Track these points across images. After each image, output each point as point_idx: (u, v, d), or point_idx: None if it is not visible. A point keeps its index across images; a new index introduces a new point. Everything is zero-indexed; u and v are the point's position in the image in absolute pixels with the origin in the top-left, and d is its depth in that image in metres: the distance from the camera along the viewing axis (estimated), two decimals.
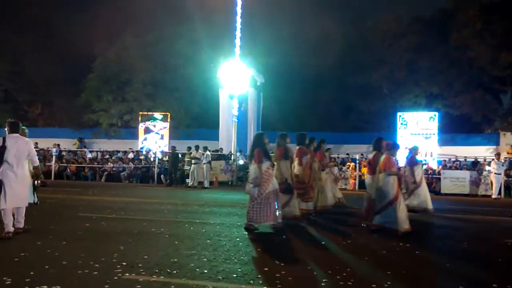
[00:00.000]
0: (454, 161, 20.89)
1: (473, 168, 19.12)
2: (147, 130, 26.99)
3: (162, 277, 4.64)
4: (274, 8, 28.58)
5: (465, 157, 21.15)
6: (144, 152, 24.58)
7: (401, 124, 23.23)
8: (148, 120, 27.06)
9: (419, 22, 27.31)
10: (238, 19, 22.63)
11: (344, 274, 4.88)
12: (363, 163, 20.37)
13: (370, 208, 7.85)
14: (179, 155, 20.08)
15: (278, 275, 4.83)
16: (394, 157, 8.00)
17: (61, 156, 24.17)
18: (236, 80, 21.48)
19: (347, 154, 21.71)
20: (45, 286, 4.21)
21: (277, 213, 7.56)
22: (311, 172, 9.39)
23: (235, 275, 4.81)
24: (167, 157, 21.30)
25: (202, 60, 26.88)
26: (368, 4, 32.53)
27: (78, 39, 29.80)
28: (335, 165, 19.29)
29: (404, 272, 5.14)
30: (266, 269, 5.07)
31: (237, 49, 22.40)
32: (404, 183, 10.09)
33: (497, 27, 23.43)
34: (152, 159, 22.47)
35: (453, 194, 17.37)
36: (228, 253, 5.82)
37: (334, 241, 6.86)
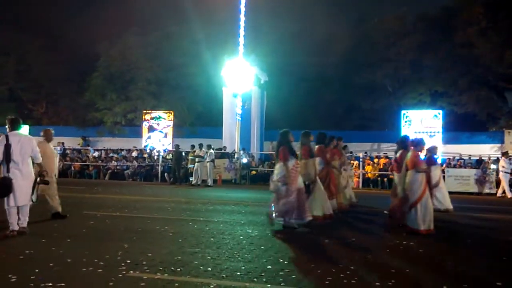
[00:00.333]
0: (459, 160, 20.82)
1: (478, 167, 19.05)
2: (151, 129, 27.04)
3: (166, 275, 4.66)
4: (278, 7, 28.57)
5: (470, 156, 21.06)
6: (148, 151, 24.64)
7: (405, 122, 23.17)
8: (152, 119, 27.10)
9: (423, 21, 27.21)
10: (242, 17, 22.61)
11: (348, 272, 4.88)
12: (367, 161, 20.36)
13: (402, 207, 7.72)
14: (183, 153, 20.12)
15: (282, 273, 4.83)
16: (421, 154, 7.87)
17: (66, 155, 24.28)
18: (240, 79, 21.48)
19: (351, 153, 21.63)
20: (50, 284, 4.23)
21: (306, 212, 7.53)
22: (330, 171, 9.31)
23: (239, 273, 4.82)
24: (171, 155, 21.35)
25: (206, 59, 26.89)
26: (372, 3, 32.48)
27: (82, 38, 29.94)
28: (352, 163, 19.32)
29: (408, 271, 5.13)
30: (270, 267, 5.08)
31: (241, 48, 22.39)
32: None
33: (502, 25, 23.30)
34: (156, 157, 22.53)
35: (458, 193, 17.30)
36: (232, 251, 5.83)
37: (338, 240, 6.85)
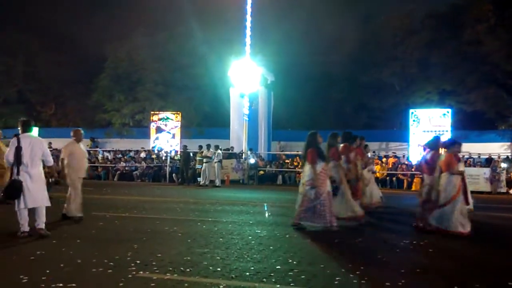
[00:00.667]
0: (468, 158, 20.63)
1: (487, 165, 18.87)
2: (159, 130, 27.14)
3: (176, 275, 4.67)
4: (284, 6, 28.54)
5: (479, 154, 20.87)
6: (156, 151, 24.73)
7: (413, 121, 23.02)
8: (160, 120, 27.20)
9: (431, 18, 27.03)
10: (248, 18, 22.60)
11: (358, 273, 4.86)
12: (375, 161, 20.24)
13: (431, 209, 7.56)
14: (191, 154, 20.17)
15: (291, 273, 4.83)
16: (455, 155, 7.71)
17: None
18: (247, 79, 21.47)
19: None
20: (61, 284, 4.26)
21: (333, 216, 7.46)
22: (357, 170, 9.24)
23: (248, 273, 4.82)
24: (179, 156, 21.41)
25: (213, 59, 26.94)
26: (379, 1, 32.27)
27: (90, 40, 30.13)
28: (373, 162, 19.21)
29: (418, 271, 5.10)
30: (279, 267, 5.07)
31: (248, 48, 22.38)
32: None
33: (511, 22, 23.06)
34: (164, 158, 22.60)
35: None
36: (241, 251, 5.83)
37: (347, 240, 6.83)
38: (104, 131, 30.03)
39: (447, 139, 8.02)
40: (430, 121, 22.67)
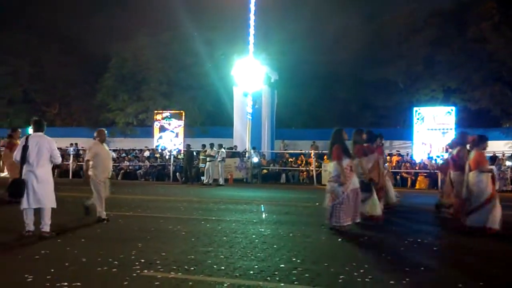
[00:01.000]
0: None
1: (492, 163, 18.76)
2: (162, 129, 27.17)
3: (180, 274, 4.68)
4: (288, 4, 28.47)
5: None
6: (160, 150, 24.77)
7: (418, 119, 22.93)
8: (163, 119, 27.22)
9: (436, 16, 26.90)
10: (252, 16, 22.58)
11: (362, 271, 4.86)
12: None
13: (460, 207, 7.48)
14: (194, 153, 20.19)
15: (295, 272, 4.83)
16: (485, 152, 7.51)
17: (79, 155, 24.52)
18: (250, 78, 21.47)
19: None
20: (66, 283, 4.28)
21: (357, 213, 7.36)
22: (380, 170, 9.12)
23: (252, 272, 4.82)
24: (182, 155, 21.43)
25: (216, 58, 26.92)
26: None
27: (95, 40, 30.18)
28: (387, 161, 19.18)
29: (423, 269, 5.08)
30: (283, 266, 5.07)
31: (251, 47, 22.36)
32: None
33: None
34: (168, 157, 22.64)
35: None
36: (245, 250, 5.84)
37: (351, 238, 6.82)
38: (108, 131, 30.09)
39: (476, 136, 7.67)
40: (435, 119, 22.58)
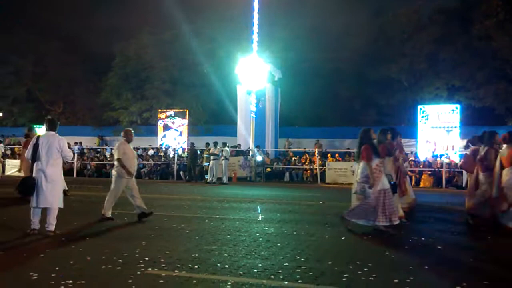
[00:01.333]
0: None
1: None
2: (166, 127, 27.19)
3: (184, 272, 4.69)
4: (292, 2, 28.41)
5: None
6: (164, 149, 24.81)
7: (422, 117, 22.85)
8: (167, 117, 27.24)
9: (440, 14, 26.79)
10: (255, 14, 22.54)
11: (366, 269, 4.85)
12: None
13: (494, 207, 7.34)
14: (198, 152, 20.18)
15: (299, 270, 4.83)
16: None
17: (83, 154, 24.62)
18: (254, 76, 21.44)
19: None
20: (70, 281, 4.29)
21: (392, 214, 7.07)
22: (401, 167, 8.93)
23: (256, 270, 4.83)
24: (186, 154, 21.45)
25: (220, 57, 26.92)
26: None
27: (98, 39, 30.29)
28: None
29: (427, 268, 5.07)
30: (287, 264, 5.07)
31: (255, 45, 22.33)
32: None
33: None
34: (172, 156, 22.67)
35: None
36: (248, 248, 5.84)
37: (355, 237, 6.81)
38: (112, 129, 30.19)
39: (505, 134, 7.50)
40: (439, 117, 22.47)
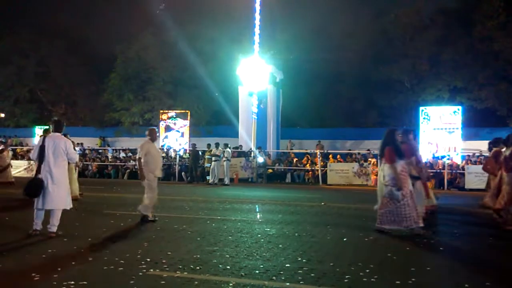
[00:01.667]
0: (479, 156, 20.43)
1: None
2: (168, 128, 27.22)
3: (186, 273, 4.69)
4: (293, 4, 28.39)
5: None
6: (165, 150, 24.83)
7: (424, 119, 22.83)
8: (169, 118, 27.27)
9: (442, 15, 26.75)
10: (257, 16, 22.57)
11: (367, 271, 4.84)
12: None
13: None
14: (200, 153, 20.19)
15: (300, 271, 4.83)
16: None
17: (85, 155, 24.66)
18: (255, 77, 21.46)
19: (368, 150, 21.48)
20: (72, 282, 4.29)
21: (418, 216, 7.03)
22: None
23: (258, 271, 4.82)
24: (188, 155, 21.47)
25: (221, 58, 26.94)
26: None
27: (101, 40, 30.28)
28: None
29: (429, 269, 5.07)
30: (288, 265, 5.07)
31: (256, 46, 22.36)
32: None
33: None
34: (173, 157, 22.69)
35: (478, 190, 16.97)
36: (250, 250, 5.84)
37: (356, 238, 6.81)
38: (114, 130, 30.23)
39: None
40: (441, 119, 22.46)
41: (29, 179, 6.70)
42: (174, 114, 27.17)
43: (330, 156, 21.37)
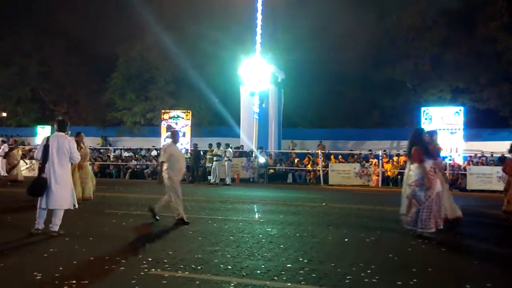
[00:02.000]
0: (480, 157, 20.40)
1: (500, 164, 18.63)
2: (169, 128, 27.23)
3: (187, 273, 4.70)
4: (295, 4, 28.38)
5: (492, 153, 20.59)
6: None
7: (426, 119, 22.80)
8: (170, 118, 27.27)
9: (445, 16, 26.70)
10: (259, 16, 22.56)
11: (369, 272, 4.84)
12: (385, 159, 20.12)
13: None
14: (201, 152, 20.19)
15: (302, 272, 4.83)
16: None
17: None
18: (257, 77, 21.46)
19: (370, 151, 21.46)
20: (74, 281, 4.31)
21: (439, 218, 6.90)
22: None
23: (259, 271, 4.83)
24: (189, 155, 21.49)
25: (223, 58, 26.95)
26: None
27: (102, 39, 30.31)
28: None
29: (430, 270, 5.06)
30: (290, 266, 5.07)
31: (258, 46, 22.35)
32: None
33: None
34: None
35: (480, 191, 16.97)
36: (251, 250, 5.84)
37: (358, 239, 6.80)
38: (116, 130, 30.27)
39: None
40: (443, 119, 22.43)
41: (33, 179, 6.71)
42: (176, 115, 27.19)
43: (332, 157, 21.36)
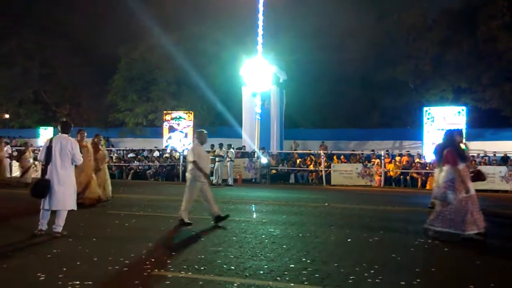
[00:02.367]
0: (483, 157, 20.36)
1: (503, 164, 18.60)
2: (172, 129, 27.26)
3: (190, 273, 4.70)
4: (297, 4, 28.42)
5: (494, 153, 20.56)
6: (169, 151, 24.88)
7: (428, 119, 22.78)
8: (172, 119, 27.32)
9: (446, 16, 26.69)
10: (260, 16, 22.56)
11: (372, 272, 4.84)
12: (387, 159, 20.09)
13: None
14: None
15: (305, 272, 4.83)
16: None
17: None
18: (259, 78, 21.47)
19: (372, 151, 21.45)
20: (77, 282, 4.31)
21: (480, 220, 6.73)
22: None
23: (262, 272, 4.83)
24: None
25: (225, 58, 26.98)
26: None
27: (104, 40, 30.40)
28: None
29: (433, 270, 5.05)
30: (293, 266, 5.07)
31: (260, 47, 22.36)
32: None
33: None
34: (177, 157, 22.73)
35: (482, 190, 16.89)
36: (254, 250, 5.85)
37: (361, 239, 6.80)
38: (118, 131, 30.32)
39: None
40: (445, 119, 22.40)
41: (36, 180, 6.72)
42: (178, 116, 27.23)
43: (334, 157, 21.36)
